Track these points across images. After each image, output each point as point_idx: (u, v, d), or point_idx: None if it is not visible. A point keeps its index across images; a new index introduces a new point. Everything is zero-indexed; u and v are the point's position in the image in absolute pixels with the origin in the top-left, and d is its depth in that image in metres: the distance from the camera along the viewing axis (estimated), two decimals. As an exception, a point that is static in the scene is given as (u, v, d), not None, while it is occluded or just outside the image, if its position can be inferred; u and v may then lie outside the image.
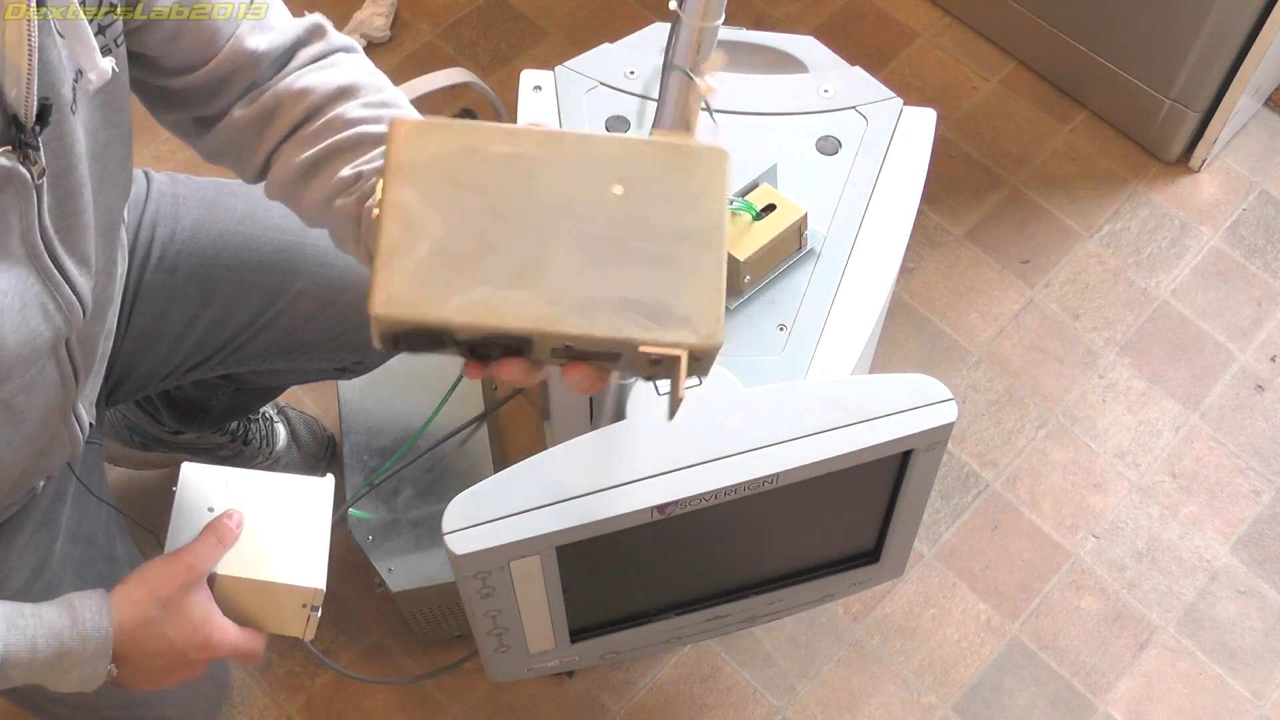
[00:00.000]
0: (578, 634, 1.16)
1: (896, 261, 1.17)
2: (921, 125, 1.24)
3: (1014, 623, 1.62)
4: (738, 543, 1.14)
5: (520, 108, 1.24)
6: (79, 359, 0.98)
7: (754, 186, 1.14)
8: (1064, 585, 1.64)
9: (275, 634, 1.06)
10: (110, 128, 0.89)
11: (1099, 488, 1.71)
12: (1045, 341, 1.81)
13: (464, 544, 0.97)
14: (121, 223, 1.06)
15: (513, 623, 1.09)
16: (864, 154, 1.21)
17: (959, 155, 1.96)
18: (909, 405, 1.02)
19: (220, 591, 1.01)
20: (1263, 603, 1.64)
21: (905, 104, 1.25)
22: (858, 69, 1.28)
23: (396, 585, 1.40)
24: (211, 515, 1.03)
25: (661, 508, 0.99)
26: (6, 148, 0.78)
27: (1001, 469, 1.72)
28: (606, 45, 1.28)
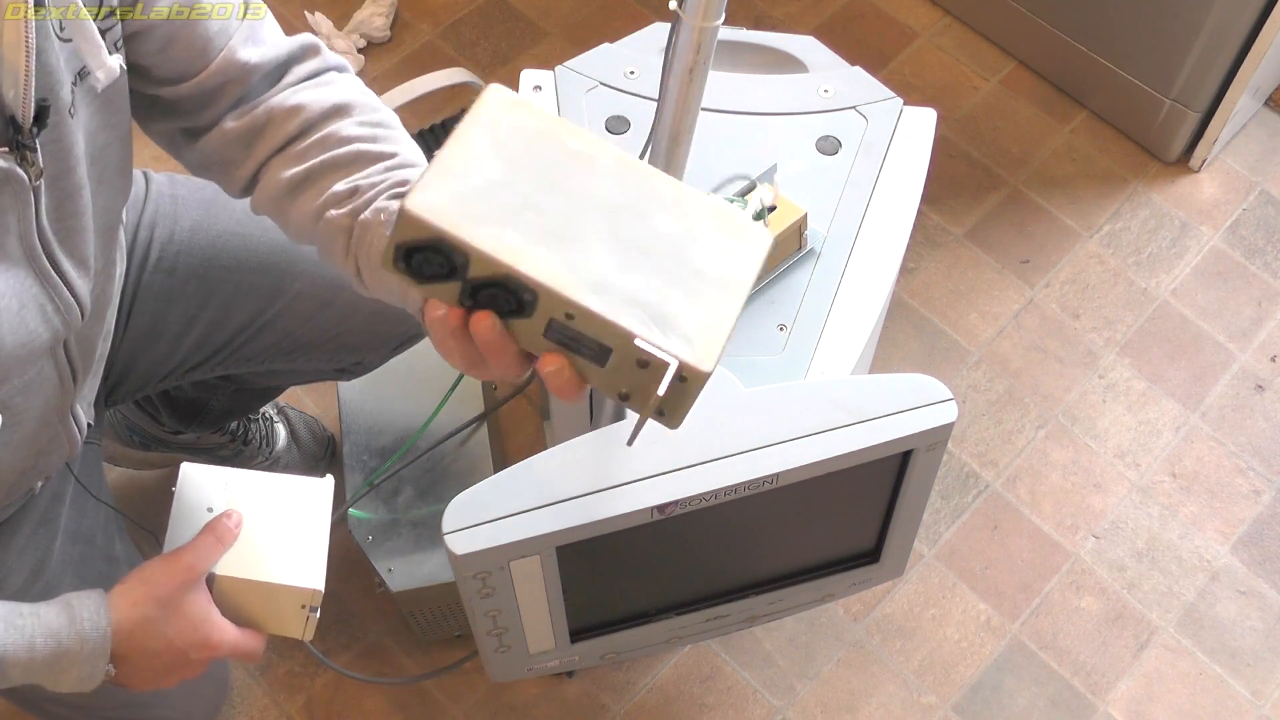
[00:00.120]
0: (578, 634, 1.16)
1: (896, 261, 1.17)
2: (921, 125, 1.24)
3: (1014, 623, 1.62)
4: (738, 543, 1.14)
5: (520, 108, 1.24)
6: (77, 360, 0.98)
7: (754, 186, 1.14)
8: (1064, 585, 1.64)
9: (274, 634, 1.06)
10: (110, 130, 0.89)
11: (1099, 488, 1.71)
12: (1045, 341, 1.81)
13: (464, 544, 0.97)
14: (120, 224, 1.06)
15: (513, 623, 1.08)
16: (864, 154, 1.21)
17: (959, 155, 1.96)
18: (909, 405, 1.02)
19: (219, 592, 1.01)
20: (1263, 603, 1.64)
21: (905, 104, 1.25)
22: (858, 69, 1.28)
23: (396, 585, 1.40)
24: (211, 515, 1.03)
25: (661, 508, 0.99)
26: (4, 149, 0.78)
27: (1001, 469, 1.72)
28: (606, 45, 1.28)
